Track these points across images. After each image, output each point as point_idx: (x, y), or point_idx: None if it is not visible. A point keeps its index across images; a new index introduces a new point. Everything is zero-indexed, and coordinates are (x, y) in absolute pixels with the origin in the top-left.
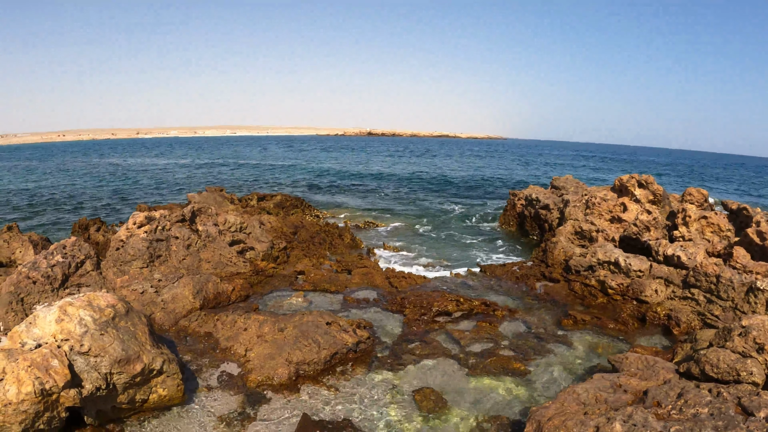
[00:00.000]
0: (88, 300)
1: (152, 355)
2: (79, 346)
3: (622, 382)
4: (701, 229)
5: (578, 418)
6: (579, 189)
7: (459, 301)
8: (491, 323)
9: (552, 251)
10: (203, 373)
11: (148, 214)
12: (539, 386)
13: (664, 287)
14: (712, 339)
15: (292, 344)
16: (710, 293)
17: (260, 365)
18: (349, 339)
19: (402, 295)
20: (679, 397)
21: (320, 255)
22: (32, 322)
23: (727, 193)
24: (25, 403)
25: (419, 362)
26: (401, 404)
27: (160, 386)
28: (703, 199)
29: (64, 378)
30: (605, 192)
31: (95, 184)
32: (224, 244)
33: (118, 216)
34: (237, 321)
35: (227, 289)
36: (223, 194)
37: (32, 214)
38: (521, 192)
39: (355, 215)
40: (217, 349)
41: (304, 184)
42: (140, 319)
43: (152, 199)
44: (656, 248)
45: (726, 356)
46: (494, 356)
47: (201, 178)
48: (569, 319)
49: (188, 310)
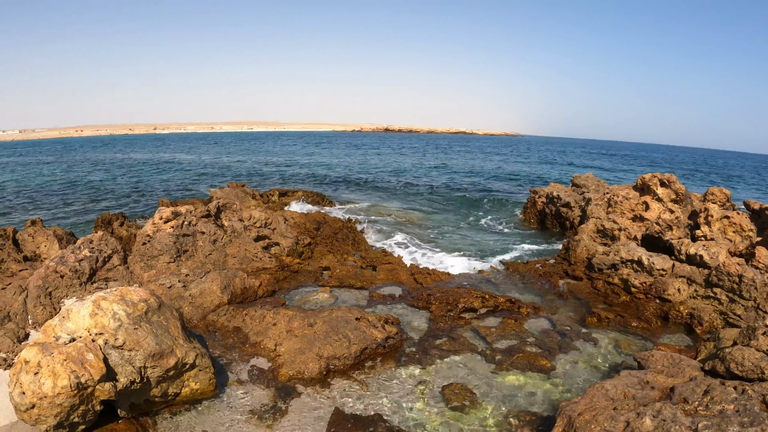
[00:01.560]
0: (120, 294)
1: (185, 350)
2: (114, 340)
3: (649, 378)
4: (723, 229)
5: (608, 413)
6: (600, 187)
7: (484, 297)
8: (516, 320)
9: (575, 249)
10: (233, 367)
11: (174, 209)
12: (565, 382)
13: (686, 286)
14: (736, 338)
15: (322, 339)
16: (732, 293)
17: (291, 360)
18: (378, 334)
19: (427, 292)
20: (705, 393)
21: (344, 251)
22: (65, 316)
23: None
24: (61, 396)
25: (447, 358)
26: (430, 399)
27: (193, 380)
28: (725, 199)
29: (100, 371)
30: (627, 190)
31: (113, 179)
32: (249, 240)
33: (138, 211)
34: (266, 316)
35: (254, 284)
36: (245, 190)
37: (53, 208)
38: (542, 190)
39: (377, 210)
40: (246, 343)
41: (323, 180)
42: (172, 314)
43: (172, 194)
44: (678, 247)
45: (751, 354)
46: (520, 352)
47: (220, 174)
48: (593, 317)
49: (216, 304)
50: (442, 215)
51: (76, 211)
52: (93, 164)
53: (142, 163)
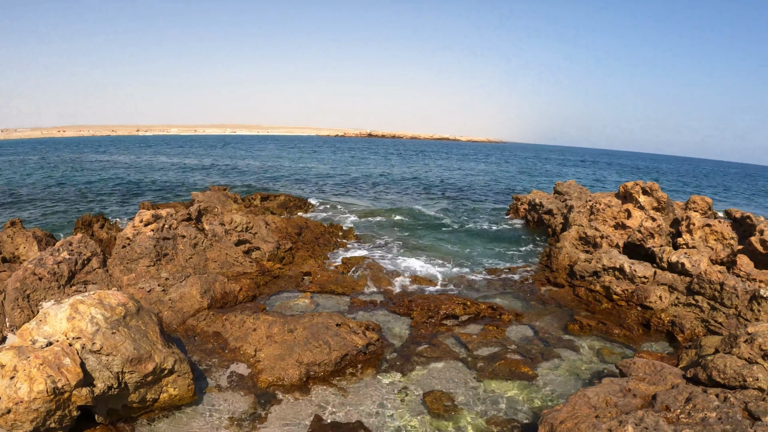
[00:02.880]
0: (99, 298)
1: (164, 355)
2: (91, 345)
3: (631, 386)
4: (705, 237)
5: (590, 421)
6: (582, 195)
7: (466, 304)
8: (498, 327)
9: (557, 256)
10: (213, 372)
11: (155, 212)
12: (547, 390)
13: (668, 294)
14: (718, 345)
15: (302, 345)
16: (714, 300)
17: (271, 366)
18: (359, 341)
19: (409, 298)
20: (687, 401)
21: (325, 256)
22: (43, 319)
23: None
24: (37, 401)
25: (428, 365)
26: (412, 406)
27: (171, 386)
28: (707, 207)
29: (77, 376)
30: (609, 198)
31: (95, 181)
32: (230, 244)
33: (120, 213)
34: (246, 321)
35: (234, 289)
36: (227, 193)
37: (33, 208)
38: (524, 196)
39: (359, 215)
40: (226, 349)
41: (306, 184)
42: (151, 318)
43: (154, 197)
44: (660, 255)
45: (732, 362)
46: (502, 360)
47: (203, 177)
48: (575, 324)
49: (196, 309)
50: (424, 221)
51: (56, 212)
52: (74, 165)
53: (125, 164)
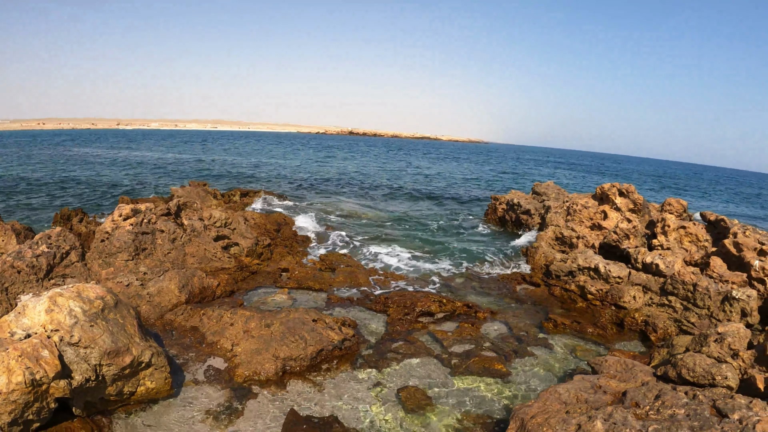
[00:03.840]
0: (77, 291)
1: (141, 348)
2: (69, 337)
3: (601, 383)
4: (680, 239)
5: (560, 417)
6: (560, 195)
7: (442, 302)
8: (473, 324)
9: (533, 256)
10: (190, 366)
11: (134, 206)
12: (520, 387)
13: (642, 294)
14: (688, 344)
15: (279, 340)
16: (687, 301)
17: (247, 360)
18: (335, 336)
19: (385, 295)
20: (656, 398)
21: (304, 253)
22: (21, 311)
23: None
24: (15, 393)
25: (403, 361)
26: (386, 401)
27: (148, 379)
28: (682, 210)
29: (55, 368)
30: (586, 199)
31: (74, 174)
32: (209, 239)
33: (98, 206)
34: (223, 316)
35: (212, 284)
36: (207, 189)
37: (11, 201)
38: (503, 196)
39: (339, 212)
40: (203, 343)
41: (286, 181)
42: (129, 312)
43: (133, 191)
44: (635, 256)
45: (702, 361)
46: (476, 357)
47: (183, 172)
48: (549, 322)
49: (174, 303)
50: (403, 218)
51: (34, 205)
52: (54, 158)
53: (104, 158)
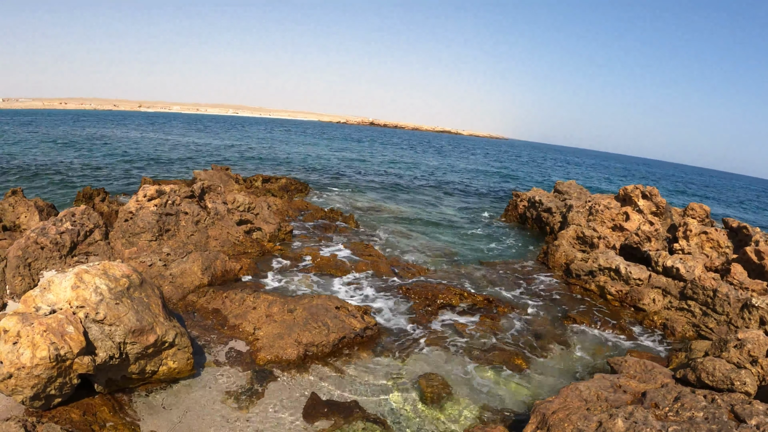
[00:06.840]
0: (103, 268)
1: (165, 328)
2: (95, 314)
3: (621, 383)
4: (701, 244)
5: (581, 413)
6: (582, 195)
7: (462, 295)
8: (493, 319)
9: (554, 254)
10: (211, 348)
11: (159, 187)
12: (539, 382)
13: (661, 297)
14: (707, 349)
15: (301, 325)
16: (706, 306)
17: (269, 344)
18: (357, 324)
19: (407, 286)
20: (675, 400)
21: (326, 240)
22: (47, 287)
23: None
24: (39, 367)
25: (423, 351)
26: (406, 390)
27: (171, 359)
28: (704, 215)
29: (79, 344)
30: (609, 200)
31: (96, 154)
32: (232, 223)
33: (120, 188)
34: (246, 299)
35: (235, 267)
36: (229, 173)
37: (34, 179)
38: (524, 194)
39: (361, 203)
40: (225, 325)
41: (309, 168)
42: (154, 291)
43: (155, 174)
44: (656, 259)
45: (721, 366)
46: (496, 350)
47: (204, 156)
48: (568, 320)
49: (196, 285)
50: (426, 212)
51: (55, 183)
52: (76, 138)
53: (126, 140)
